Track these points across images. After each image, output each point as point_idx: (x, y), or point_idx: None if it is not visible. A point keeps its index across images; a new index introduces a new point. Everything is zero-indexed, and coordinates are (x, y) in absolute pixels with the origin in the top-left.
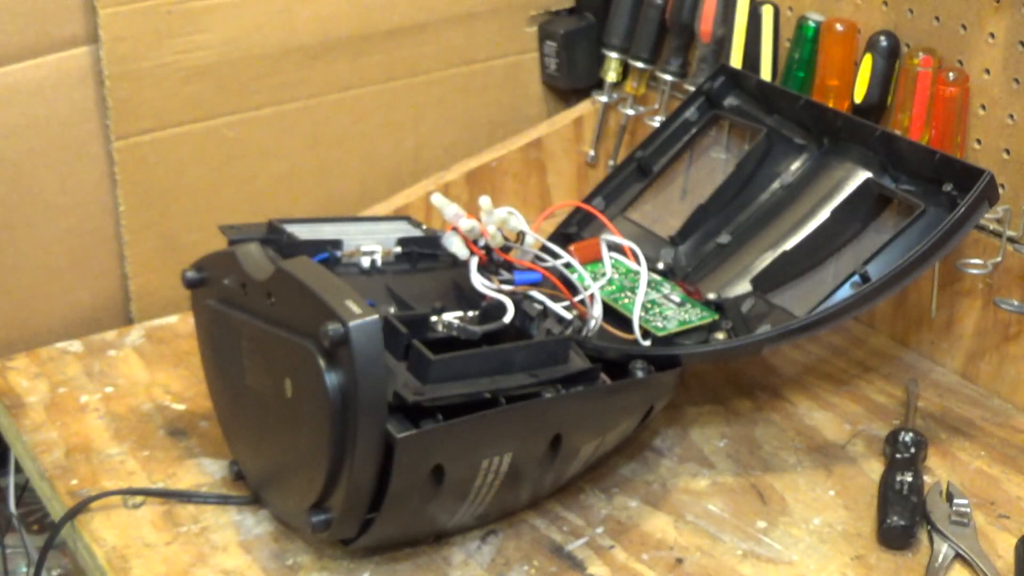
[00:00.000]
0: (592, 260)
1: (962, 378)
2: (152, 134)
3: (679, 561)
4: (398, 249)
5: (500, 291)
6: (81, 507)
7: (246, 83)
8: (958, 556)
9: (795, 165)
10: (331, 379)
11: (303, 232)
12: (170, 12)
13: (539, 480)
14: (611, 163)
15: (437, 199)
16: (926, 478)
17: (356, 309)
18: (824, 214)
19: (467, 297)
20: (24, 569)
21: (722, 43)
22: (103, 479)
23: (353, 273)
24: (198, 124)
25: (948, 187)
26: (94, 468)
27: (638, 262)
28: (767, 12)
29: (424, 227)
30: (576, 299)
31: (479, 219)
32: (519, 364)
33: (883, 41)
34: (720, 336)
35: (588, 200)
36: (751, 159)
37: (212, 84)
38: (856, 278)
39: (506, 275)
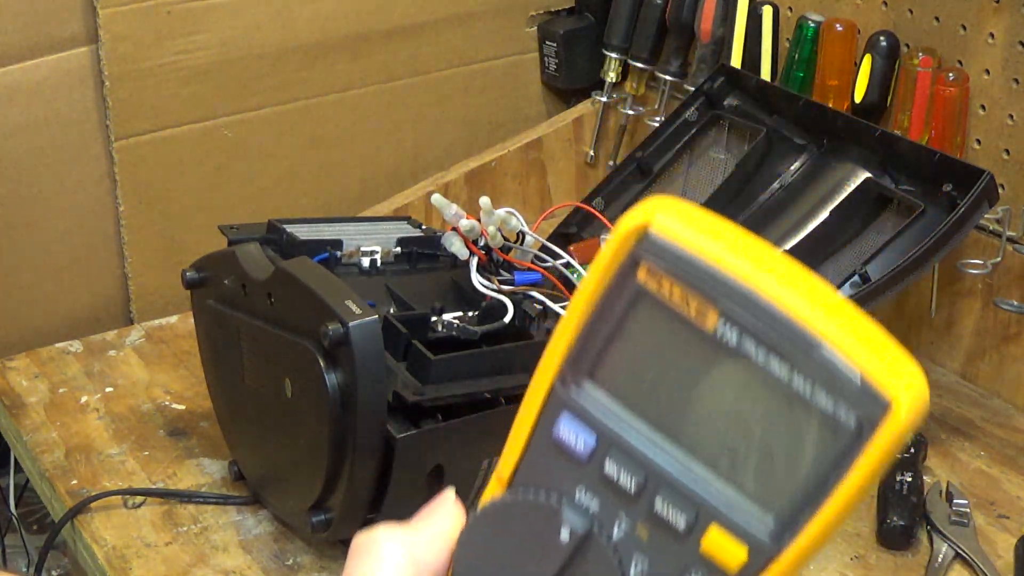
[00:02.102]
0: (592, 260)
1: (962, 378)
2: (152, 134)
3: None
4: (398, 249)
5: (500, 291)
6: (81, 507)
7: (246, 83)
8: (958, 556)
9: (795, 165)
10: (331, 379)
11: (303, 232)
12: (170, 12)
13: None
14: (611, 163)
15: (437, 199)
16: (926, 478)
17: (356, 309)
18: (824, 214)
19: (467, 297)
20: (24, 569)
21: (722, 43)
22: (103, 479)
23: (353, 273)
24: (198, 124)
25: (948, 187)
26: (94, 468)
27: None
28: (767, 12)
29: (424, 227)
30: None
31: (479, 219)
32: (519, 364)
33: (883, 41)
34: None
35: (588, 200)
36: (751, 159)
37: (212, 84)
38: (856, 278)
39: (506, 275)
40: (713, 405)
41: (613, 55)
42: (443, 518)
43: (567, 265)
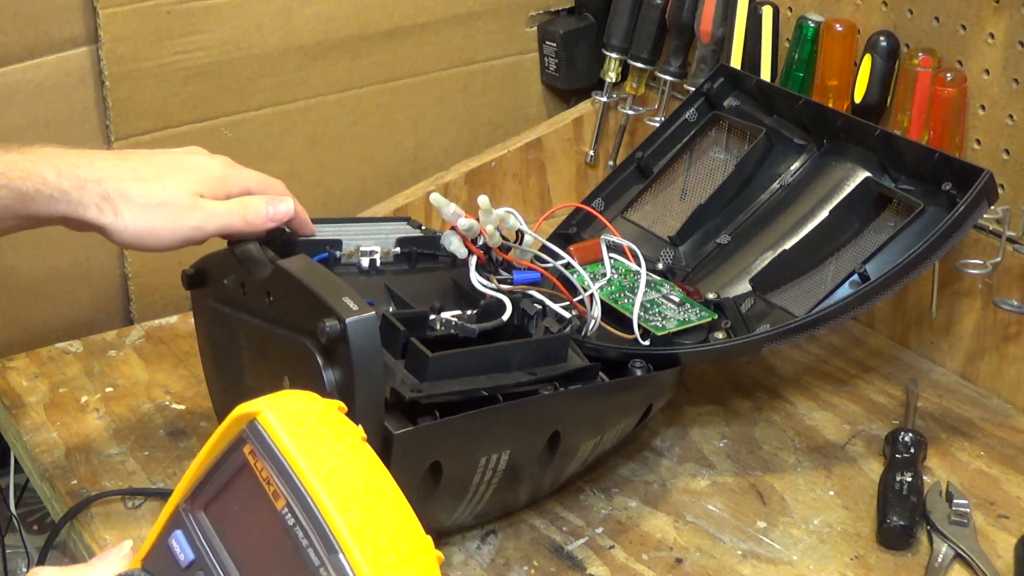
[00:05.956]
0: (592, 261)
1: (962, 378)
2: (152, 134)
3: (679, 561)
4: (397, 249)
5: (499, 290)
6: (81, 507)
7: (246, 83)
8: (958, 556)
9: (795, 165)
10: (328, 376)
11: None
12: (170, 12)
13: (538, 478)
14: (611, 163)
15: (436, 198)
16: (926, 478)
17: (353, 306)
18: (824, 214)
19: (466, 296)
20: (24, 569)
21: (722, 43)
22: (103, 479)
23: (352, 273)
24: (198, 124)
25: (947, 186)
26: (94, 468)
27: (638, 263)
28: (767, 12)
29: (424, 227)
30: (576, 299)
31: (478, 218)
32: (517, 362)
33: (883, 41)
34: (719, 336)
35: (588, 201)
36: (751, 159)
37: (212, 84)
38: (855, 278)
39: (505, 274)
40: (277, 566)
41: (613, 55)
42: (106, 568)
43: (567, 266)
